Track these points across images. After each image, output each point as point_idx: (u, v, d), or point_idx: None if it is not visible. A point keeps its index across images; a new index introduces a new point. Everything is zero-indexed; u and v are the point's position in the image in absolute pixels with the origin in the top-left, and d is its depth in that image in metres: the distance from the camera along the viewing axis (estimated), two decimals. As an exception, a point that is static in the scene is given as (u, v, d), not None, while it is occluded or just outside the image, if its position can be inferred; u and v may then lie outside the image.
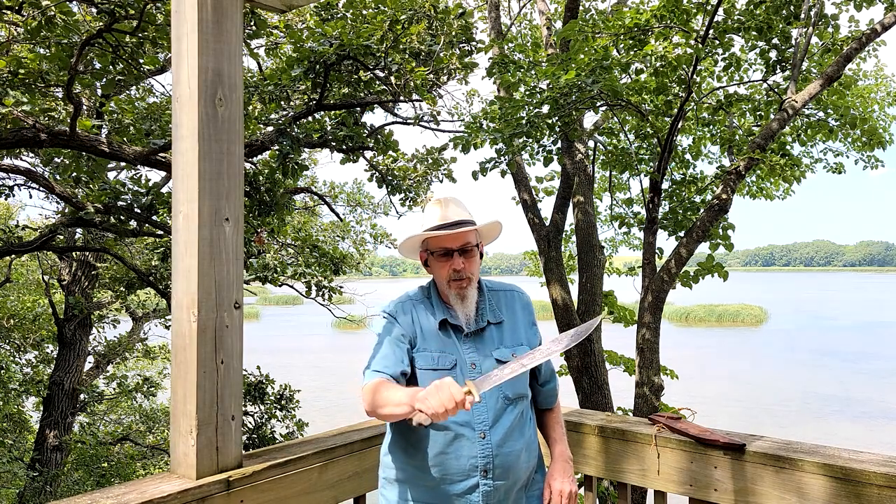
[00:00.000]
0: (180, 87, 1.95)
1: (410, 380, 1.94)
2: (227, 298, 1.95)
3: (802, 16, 6.21)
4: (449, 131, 8.30)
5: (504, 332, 2.02)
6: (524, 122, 5.76)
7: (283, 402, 8.26)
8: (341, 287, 8.54)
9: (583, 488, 2.69)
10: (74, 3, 5.63)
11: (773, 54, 6.58)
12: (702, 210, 6.09)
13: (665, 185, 7.08)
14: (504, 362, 1.95)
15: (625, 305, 8.16)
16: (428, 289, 2.08)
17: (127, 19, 4.78)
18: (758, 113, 7.18)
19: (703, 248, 6.11)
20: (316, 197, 10.98)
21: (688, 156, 8.15)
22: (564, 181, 7.46)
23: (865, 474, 1.89)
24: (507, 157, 6.15)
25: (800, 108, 5.90)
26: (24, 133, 5.13)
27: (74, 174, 6.15)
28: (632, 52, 5.78)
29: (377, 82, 6.35)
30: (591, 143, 7.96)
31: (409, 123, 7.33)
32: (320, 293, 8.25)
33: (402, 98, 6.49)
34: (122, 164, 9.02)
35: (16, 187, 6.67)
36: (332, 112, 6.80)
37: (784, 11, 6.13)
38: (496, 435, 1.90)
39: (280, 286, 8.21)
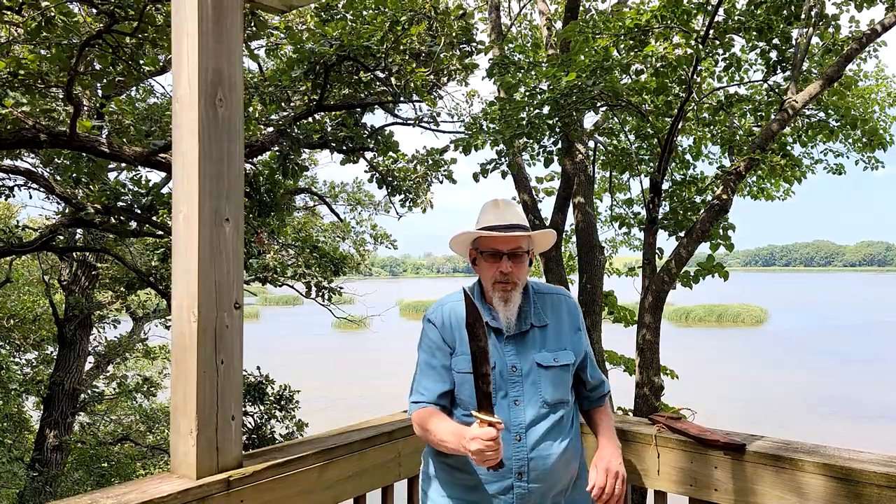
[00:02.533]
0: (180, 88, 1.94)
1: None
2: (227, 299, 1.95)
3: (803, 16, 6.20)
4: (449, 132, 8.30)
5: (548, 335, 2.01)
6: (525, 122, 5.76)
7: (282, 402, 8.25)
8: (341, 288, 8.52)
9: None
10: (74, 3, 5.63)
11: (773, 54, 6.57)
12: (702, 210, 6.09)
13: (665, 186, 7.08)
14: (545, 367, 1.95)
15: (625, 305, 8.15)
16: (472, 289, 2.06)
17: (127, 20, 4.79)
18: (758, 113, 7.17)
19: (703, 249, 6.11)
20: (316, 197, 10.99)
21: (688, 156, 8.15)
22: (565, 182, 7.46)
23: (865, 474, 1.88)
24: (507, 158, 6.15)
25: (800, 109, 5.90)
26: (24, 134, 5.14)
27: (74, 175, 6.16)
28: (632, 53, 5.77)
29: (377, 83, 6.36)
30: (591, 144, 7.96)
31: (409, 124, 7.33)
32: (320, 294, 8.24)
33: (402, 99, 6.49)
34: (123, 164, 9.02)
35: (16, 188, 6.69)
36: (333, 113, 6.80)
37: (784, 11, 6.12)
38: (532, 438, 1.90)
39: (280, 287, 8.19)
